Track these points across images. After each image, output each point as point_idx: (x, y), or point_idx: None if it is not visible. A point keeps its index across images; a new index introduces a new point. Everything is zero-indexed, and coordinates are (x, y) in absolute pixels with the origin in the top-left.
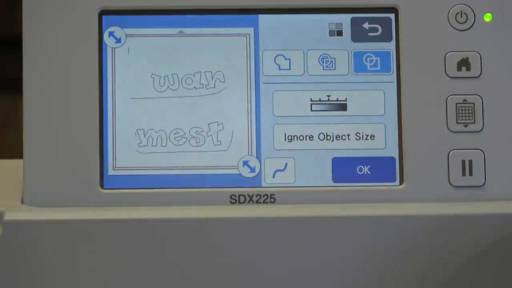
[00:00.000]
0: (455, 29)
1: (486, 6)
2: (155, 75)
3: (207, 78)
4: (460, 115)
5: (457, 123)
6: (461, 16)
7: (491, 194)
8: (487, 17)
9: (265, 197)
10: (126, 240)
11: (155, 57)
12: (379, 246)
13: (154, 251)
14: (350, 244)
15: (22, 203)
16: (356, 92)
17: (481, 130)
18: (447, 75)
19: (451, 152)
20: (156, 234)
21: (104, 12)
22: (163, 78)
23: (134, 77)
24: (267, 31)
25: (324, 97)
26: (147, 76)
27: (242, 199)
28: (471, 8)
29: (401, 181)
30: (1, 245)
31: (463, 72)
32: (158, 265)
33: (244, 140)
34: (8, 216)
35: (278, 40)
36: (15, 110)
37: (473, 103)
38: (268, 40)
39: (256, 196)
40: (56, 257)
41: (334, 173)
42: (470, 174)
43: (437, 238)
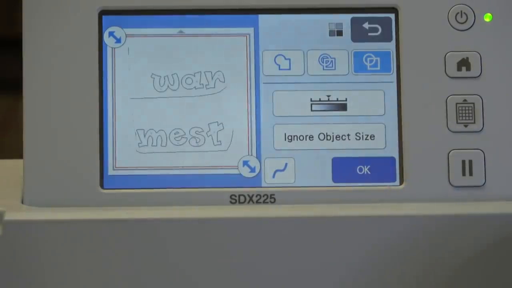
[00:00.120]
0: (455, 29)
1: (486, 6)
2: (155, 75)
3: (207, 78)
4: (460, 115)
5: (457, 123)
6: (461, 16)
7: (491, 194)
8: (487, 17)
9: (265, 197)
10: (126, 240)
11: (155, 57)
12: (379, 246)
13: (154, 251)
14: (350, 244)
15: (22, 203)
16: (356, 92)
17: (481, 130)
18: (447, 75)
19: (451, 152)
20: (156, 234)
21: (104, 12)
22: (163, 78)
23: (134, 77)
24: (267, 31)
25: (324, 97)
26: (147, 76)
27: (242, 199)
28: (471, 8)
29: (401, 181)
30: (1, 245)
31: (463, 72)
32: (158, 265)
33: (244, 140)
34: (8, 216)
35: (278, 40)
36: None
37: (473, 103)
38: (268, 40)
39: (256, 196)
40: (56, 257)
41: (334, 173)
42: (470, 174)
43: (437, 238)
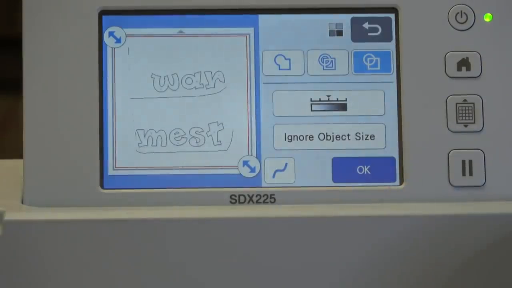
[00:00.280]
0: (455, 29)
1: (486, 6)
2: (155, 75)
3: (207, 78)
4: (460, 115)
5: (457, 123)
6: (461, 16)
7: (491, 194)
8: (487, 17)
9: (265, 197)
10: (126, 240)
11: (155, 57)
12: (379, 246)
13: (154, 251)
14: (350, 244)
15: (22, 203)
16: (356, 92)
17: (481, 130)
18: (447, 75)
19: (451, 152)
20: (156, 234)
21: (104, 12)
22: (163, 78)
23: (134, 77)
24: (267, 31)
25: (324, 97)
26: (147, 76)
27: (242, 199)
28: (471, 8)
29: (401, 181)
30: (1, 245)
31: (463, 72)
32: (158, 265)
33: (244, 140)
34: (8, 216)
35: (278, 40)
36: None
37: (473, 103)
38: (268, 40)
39: (256, 196)
40: (56, 257)
41: (334, 173)
42: (470, 174)
43: (437, 238)
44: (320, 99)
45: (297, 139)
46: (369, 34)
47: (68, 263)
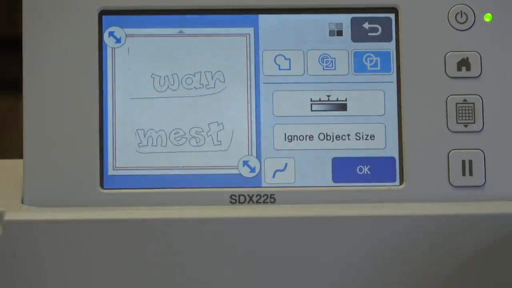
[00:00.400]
0: (455, 29)
1: (486, 6)
2: (155, 75)
3: (207, 78)
4: (460, 115)
5: (457, 123)
6: (461, 16)
7: (491, 194)
8: (487, 17)
9: (265, 197)
10: (126, 240)
11: (155, 57)
12: (379, 246)
13: (154, 251)
14: (350, 244)
15: (22, 203)
16: (356, 92)
17: (481, 130)
18: (447, 75)
19: (451, 152)
20: (156, 234)
21: (104, 12)
22: (163, 78)
23: (134, 77)
24: (267, 31)
25: (324, 97)
26: (147, 76)
27: (242, 199)
28: (471, 8)
29: (401, 181)
30: (1, 245)
31: (463, 72)
32: (158, 265)
33: (244, 140)
34: (8, 216)
35: (278, 40)
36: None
37: (473, 103)
38: (268, 40)
39: (256, 196)
40: (56, 257)
41: (334, 173)
42: (470, 174)
43: (437, 238)
44: (320, 99)
45: (297, 139)
46: (369, 34)
47: (68, 263)
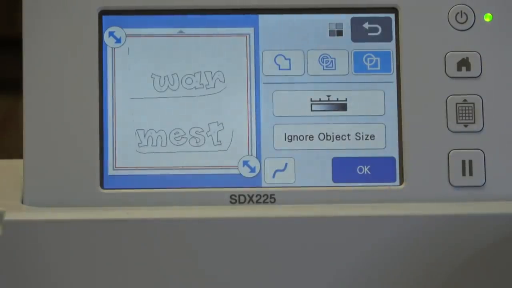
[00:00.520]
0: (455, 29)
1: (486, 6)
2: (155, 75)
3: (207, 78)
4: (460, 115)
5: (457, 123)
6: (461, 16)
7: (491, 194)
8: (487, 17)
9: (265, 197)
10: (126, 240)
11: (155, 57)
12: (379, 246)
13: (154, 251)
14: (350, 244)
15: (22, 203)
16: (356, 92)
17: (481, 130)
18: (447, 75)
19: (451, 152)
20: (156, 234)
21: (104, 12)
22: (163, 78)
23: (134, 77)
24: (267, 31)
25: (324, 97)
26: (147, 76)
27: (242, 199)
28: (471, 8)
29: (401, 181)
30: (1, 245)
31: (463, 72)
32: (158, 265)
33: (244, 140)
34: (8, 216)
35: (278, 40)
36: (15, 110)
37: (473, 103)
38: (268, 40)
39: (256, 196)
40: (56, 257)
41: (334, 173)
42: (470, 174)
43: (437, 238)
44: (320, 99)
45: (297, 139)
46: (369, 34)
47: (68, 263)
